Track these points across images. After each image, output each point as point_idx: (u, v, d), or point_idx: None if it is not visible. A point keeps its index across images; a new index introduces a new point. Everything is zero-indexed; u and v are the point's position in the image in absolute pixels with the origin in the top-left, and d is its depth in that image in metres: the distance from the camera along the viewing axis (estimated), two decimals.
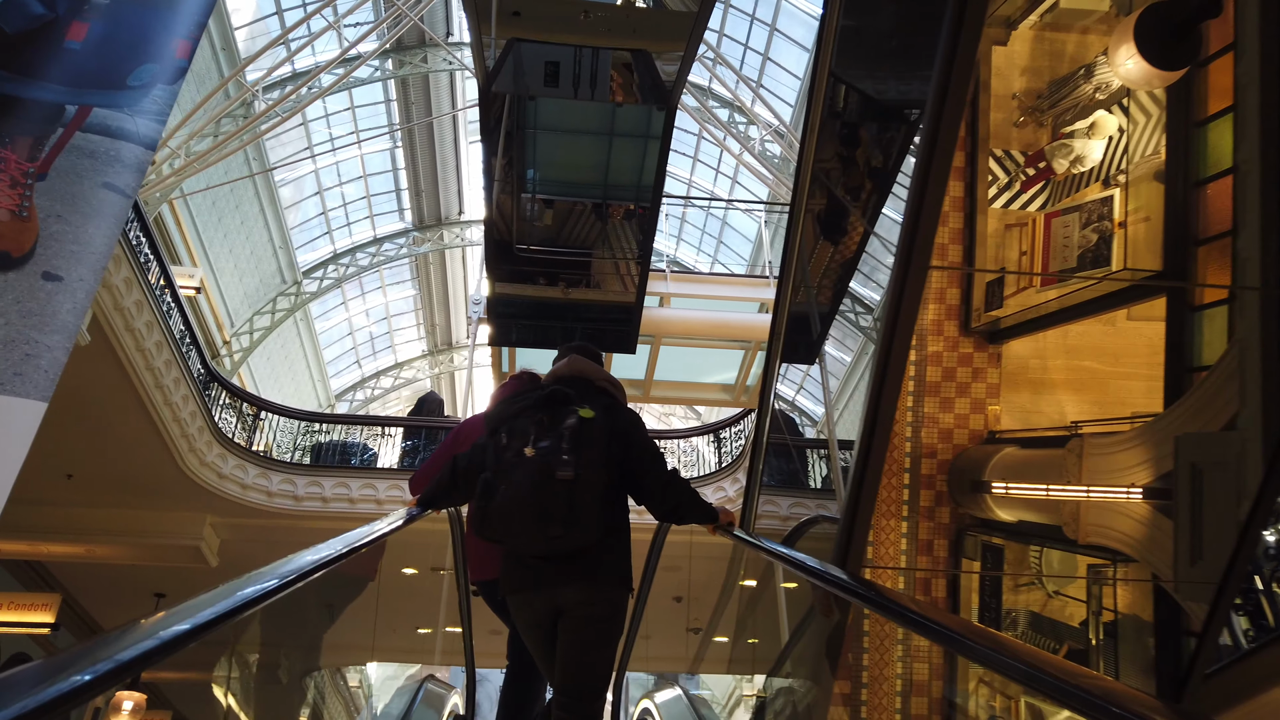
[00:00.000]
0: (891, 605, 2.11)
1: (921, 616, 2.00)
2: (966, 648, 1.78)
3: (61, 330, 4.13)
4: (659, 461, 3.36)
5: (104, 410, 11.74)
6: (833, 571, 2.54)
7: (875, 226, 7.12)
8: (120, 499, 13.43)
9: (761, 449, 5.48)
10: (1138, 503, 5.56)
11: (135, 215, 11.13)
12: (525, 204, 9.47)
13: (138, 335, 10.85)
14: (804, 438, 17.02)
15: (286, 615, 4.24)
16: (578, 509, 3.00)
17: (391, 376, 30.51)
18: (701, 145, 22.54)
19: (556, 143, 9.08)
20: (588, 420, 3.15)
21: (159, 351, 11.35)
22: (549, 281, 9.97)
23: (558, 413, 3.19)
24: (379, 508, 14.12)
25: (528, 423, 3.18)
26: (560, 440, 3.06)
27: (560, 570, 3.12)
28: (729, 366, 12.03)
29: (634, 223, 9.37)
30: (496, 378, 11.54)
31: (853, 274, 8.33)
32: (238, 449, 13.78)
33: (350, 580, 8.16)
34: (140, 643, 1.23)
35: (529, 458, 3.04)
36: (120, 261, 10.11)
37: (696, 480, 14.67)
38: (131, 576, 14.98)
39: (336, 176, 23.49)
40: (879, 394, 4.15)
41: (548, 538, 3.01)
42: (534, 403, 3.27)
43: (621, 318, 10.05)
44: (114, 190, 4.59)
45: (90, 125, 4.70)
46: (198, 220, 19.66)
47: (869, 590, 2.36)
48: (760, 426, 5.42)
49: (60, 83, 4.64)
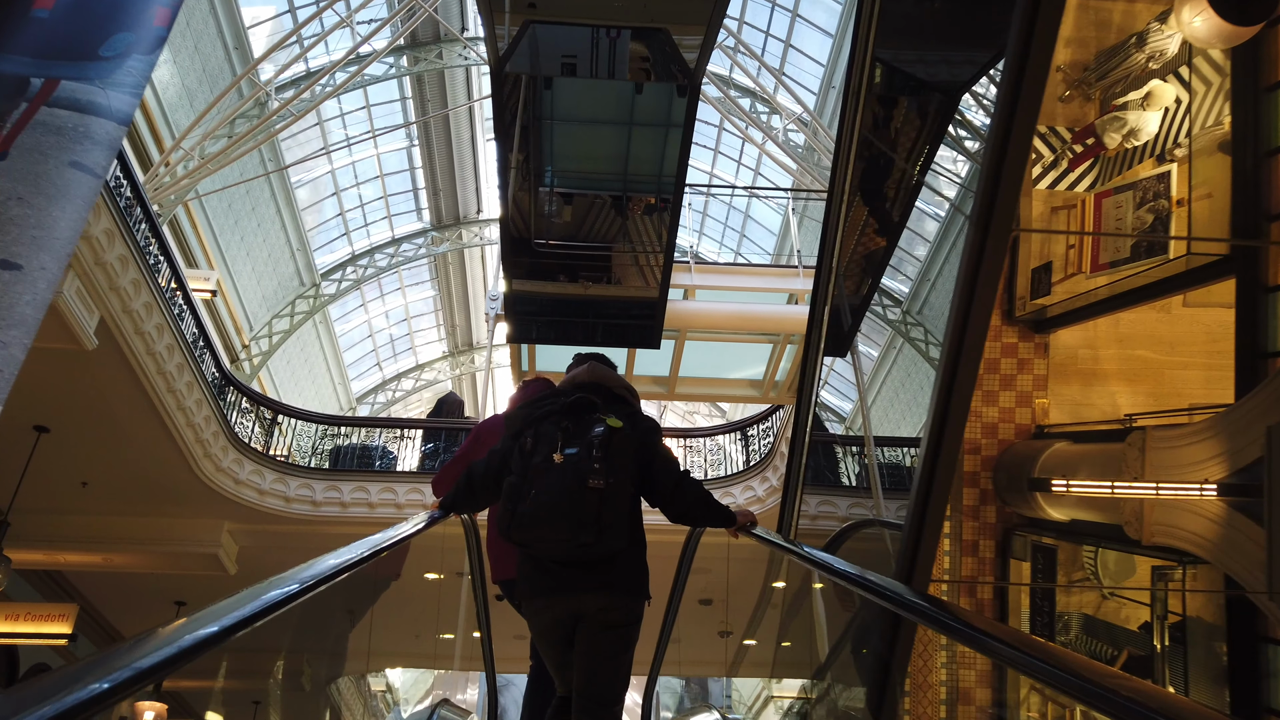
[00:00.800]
0: (995, 642, 1.71)
1: (1035, 657, 1.60)
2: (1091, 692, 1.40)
3: (20, 325, 3.74)
4: (673, 465, 3.40)
5: (116, 416, 11.49)
6: (909, 596, 2.14)
7: (910, 212, 6.70)
8: (136, 506, 13.20)
9: (803, 447, 5.07)
10: (1212, 500, 5.11)
11: (144, 215, 10.86)
12: (543, 200, 9.13)
13: (148, 339, 10.57)
14: (832, 434, 16.55)
15: (308, 621, 4.25)
16: (608, 517, 3.03)
17: (412, 379, 30.28)
18: (723, 138, 22.12)
19: (574, 134, 8.74)
20: (616, 430, 3.19)
21: (170, 355, 11.07)
22: (569, 278, 9.64)
23: (583, 419, 3.23)
24: (398, 512, 13.82)
25: (553, 428, 3.20)
26: (590, 448, 3.10)
27: (581, 577, 3.14)
28: (757, 361, 11.61)
29: (655, 217, 9.02)
30: (515, 377, 11.19)
31: (887, 262, 7.91)
32: (254, 454, 13.52)
33: (373, 583, 7.81)
34: (157, 651, 1.19)
35: (558, 464, 3.07)
36: (128, 263, 9.84)
37: (724, 480, 14.27)
38: (152, 584, 14.75)
39: (353, 177, 23.25)
40: (951, 382, 3.73)
41: (579, 544, 3.01)
42: (559, 408, 3.30)
43: (644, 313, 9.69)
44: (83, 170, 4.21)
45: (58, 99, 4.32)
46: (214, 223, 19.45)
47: (956, 620, 1.95)
48: (800, 423, 5.02)
49: (25, 54, 4.27)
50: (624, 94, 8.09)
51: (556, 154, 8.79)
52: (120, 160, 10.23)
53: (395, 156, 23.40)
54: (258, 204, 20.86)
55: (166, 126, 16.88)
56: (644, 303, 9.64)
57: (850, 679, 5.42)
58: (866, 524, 8.48)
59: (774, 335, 10.95)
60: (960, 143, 13.35)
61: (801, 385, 4.87)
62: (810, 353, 4.83)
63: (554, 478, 3.04)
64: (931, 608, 2.11)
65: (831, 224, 4.88)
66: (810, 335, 4.75)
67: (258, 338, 22.33)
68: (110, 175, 10.14)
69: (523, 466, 3.15)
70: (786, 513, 5.11)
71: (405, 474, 14.34)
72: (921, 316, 18.57)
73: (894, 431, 19.99)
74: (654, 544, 3.33)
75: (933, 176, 10.54)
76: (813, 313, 4.80)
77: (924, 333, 18.47)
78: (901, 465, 12.11)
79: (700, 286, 10.09)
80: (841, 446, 13.76)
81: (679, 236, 9.56)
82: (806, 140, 17.74)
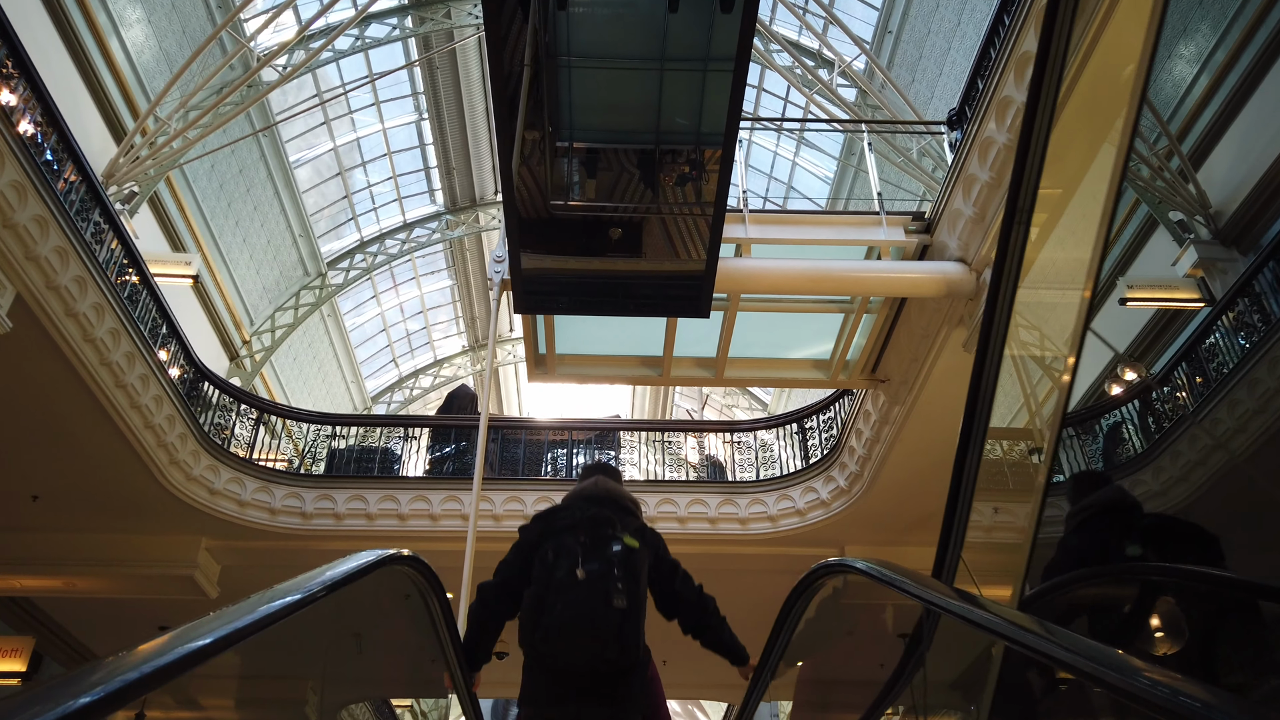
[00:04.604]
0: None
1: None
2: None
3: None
4: (689, 580, 3.65)
5: (61, 417, 9.65)
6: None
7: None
8: (98, 522, 11.38)
9: (976, 451, 3.03)
10: None
11: (80, 174, 8.98)
12: (561, 169, 7.19)
13: (83, 322, 8.69)
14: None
15: (299, 648, 3.61)
16: (628, 635, 3.22)
17: (431, 375, 28.39)
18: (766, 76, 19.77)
19: (594, 79, 6.73)
20: (634, 550, 3.44)
21: (116, 343, 9.19)
22: (594, 253, 7.68)
23: (599, 533, 3.44)
24: (401, 524, 11.89)
25: (573, 542, 3.40)
26: (611, 566, 3.30)
27: (590, 690, 3.23)
28: (822, 337, 9.52)
29: (689, 188, 7.08)
30: (530, 357, 9.18)
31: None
32: (233, 459, 11.63)
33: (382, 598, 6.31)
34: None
35: (581, 580, 3.24)
36: (47, 226, 7.95)
37: (778, 481, 12.19)
38: (131, 608, 12.93)
39: (358, 155, 21.38)
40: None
41: (603, 659, 3.19)
42: (576, 522, 3.50)
43: (686, 283, 7.70)
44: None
45: None
46: (204, 206, 17.65)
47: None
48: (976, 410, 2.98)
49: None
50: (655, 15, 6.08)
51: (574, 104, 6.82)
52: (38, 97, 8.34)
53: (404, 132, 21.49)
54: (253, 185, 19.04)
55: (143, 93, 15.07)
56: (684, 277, 7.67)
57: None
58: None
59: (846, 304, 8.86)
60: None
61: (982, 354, 2.85)
62: (997, 292, 2.80)
63: (578, 595, 3.21)
64: None
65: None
66: (999, 274, 2.72)
67: (259, 332, 20.52)
68: (27, 119, 8.26)
69: (545, 579, 3.33)
70: (948, 542, 3.07)
71: (409, 479, 12.39)
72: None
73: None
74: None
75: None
76: (1006, 242, 2.77)
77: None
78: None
79: (757, 240, 8.02)
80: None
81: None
82: (860, 92, 15.61)
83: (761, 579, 13.02)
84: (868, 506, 11.15)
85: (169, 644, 1.43)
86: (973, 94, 8.43)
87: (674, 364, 9.35)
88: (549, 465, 13.38)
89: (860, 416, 10.66)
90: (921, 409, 9.37)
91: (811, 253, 8.22)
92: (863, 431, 10.63)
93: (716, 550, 12.04)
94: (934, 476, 10.61)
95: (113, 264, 9.54)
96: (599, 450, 13.52)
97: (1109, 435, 3.72)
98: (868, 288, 8.12)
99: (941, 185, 8.04)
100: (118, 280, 9.60)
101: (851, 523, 11.52)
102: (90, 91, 14.00)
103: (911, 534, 11.79)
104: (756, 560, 12.20)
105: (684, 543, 11.97)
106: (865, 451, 10.68)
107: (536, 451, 13.49)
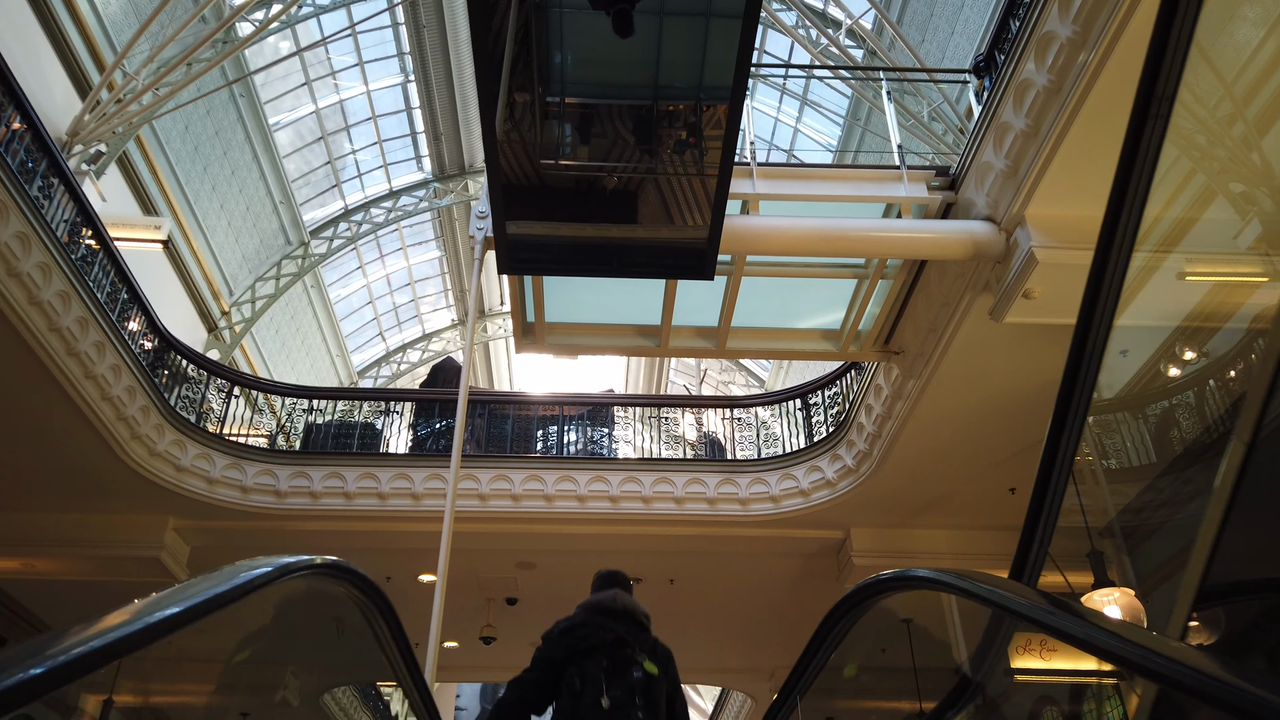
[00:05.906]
0: None
1: None
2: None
3: None
4: (681, 696, 3.95)
5: (7, 389, 8.91)
6: None
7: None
8: (56, 501, 10.67)
9: (1073, 431, 2.34)
10: None
11: (24, 120, 8.20)
12: (552, 131, 6.49)
13: (28, 283, 7.94)
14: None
15: (277, 636, 3.88)
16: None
17: (419, 349, 27.63)
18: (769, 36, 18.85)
19: (590, 28, 5.99)
20: (654, 677, 3.66)
21: (65, 306, 8.44)
22: (586, 219, 6.99)
23: (619, 657, 3.65)
24: (381, 503, 11.20)
25: (597, 669, 3.59)
26: (632, 695, 3.52)
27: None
28: (833, 305, 8.81)
29: (689, 154, 6.38)
30: (517, 326, 8.46)
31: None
32: (201, 434, 10.91)
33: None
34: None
35: (606, 709, 3.46)
36: None
37: (781, 460, 11.51)
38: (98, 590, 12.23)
39: (342, 119, 20.51)
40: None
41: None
42: (598, 645, 3.69)
43: (686, 250, 6.99)
44: None
45: None
46: (178, 169, 16.80)
47: None
48: (1076, 382, 2.29)
49: None
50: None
51: (568, 58, 6.12)
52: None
53: (390, 95, 20.61)
54: (230, 148, 18.18)
55: (109, 47, 14.21)
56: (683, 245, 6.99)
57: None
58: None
59: (860, 268, 8.15)
60: None
61: (1086, 317, 2.15)
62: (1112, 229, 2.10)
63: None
64: None
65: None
66: (1114, 211, 2.02)
67: (239, 303, 19.74)
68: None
69: (572, 708, 3.51)
70: (1033, 538, 2.38)
71: (390, 456, 11.69)
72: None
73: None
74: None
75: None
76: (1126, 175, 2.07)
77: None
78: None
79: (765, 196, 7.29)
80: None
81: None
82: (869, 51, 14.82)
83: (761, 561, 12.39)
84: (877, 487, 10.49)
85: None
86: (1003, 37, 7.69)
87: (673, 333, 8.65)
88: (539, 442, 12.70)
89: (871, 391, 9.97)
90: (939, 383, 8.69)
91: (824, 210, 7.50)
92: (873, 407, 9.94)
93: (715, 532, 11.38)
94: (950, 455, 9.96)
95: (64, 222, 8.78)
96: (591, 426, 12.83)
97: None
98: (886, 249, 7.40)
99: (969, 135, 7.31)
100: (68, 240, 8.83)
101: (859, 504, 10.86)
102: (52, 42, 13.15)
103: (922, 516, 11.16)
104: (757, 543, 11.56)
105: (681, 524, 11.32)
106: (875, 429, 9.99)
107: (526, 428, 12.81)
